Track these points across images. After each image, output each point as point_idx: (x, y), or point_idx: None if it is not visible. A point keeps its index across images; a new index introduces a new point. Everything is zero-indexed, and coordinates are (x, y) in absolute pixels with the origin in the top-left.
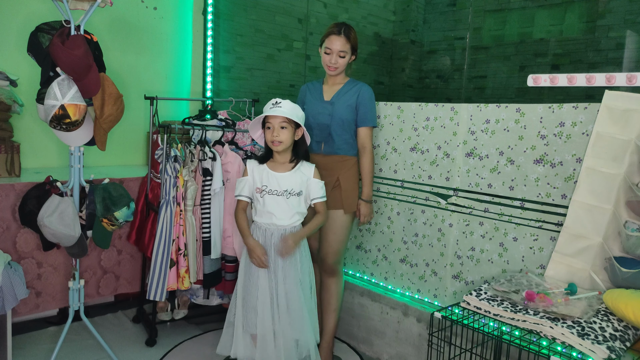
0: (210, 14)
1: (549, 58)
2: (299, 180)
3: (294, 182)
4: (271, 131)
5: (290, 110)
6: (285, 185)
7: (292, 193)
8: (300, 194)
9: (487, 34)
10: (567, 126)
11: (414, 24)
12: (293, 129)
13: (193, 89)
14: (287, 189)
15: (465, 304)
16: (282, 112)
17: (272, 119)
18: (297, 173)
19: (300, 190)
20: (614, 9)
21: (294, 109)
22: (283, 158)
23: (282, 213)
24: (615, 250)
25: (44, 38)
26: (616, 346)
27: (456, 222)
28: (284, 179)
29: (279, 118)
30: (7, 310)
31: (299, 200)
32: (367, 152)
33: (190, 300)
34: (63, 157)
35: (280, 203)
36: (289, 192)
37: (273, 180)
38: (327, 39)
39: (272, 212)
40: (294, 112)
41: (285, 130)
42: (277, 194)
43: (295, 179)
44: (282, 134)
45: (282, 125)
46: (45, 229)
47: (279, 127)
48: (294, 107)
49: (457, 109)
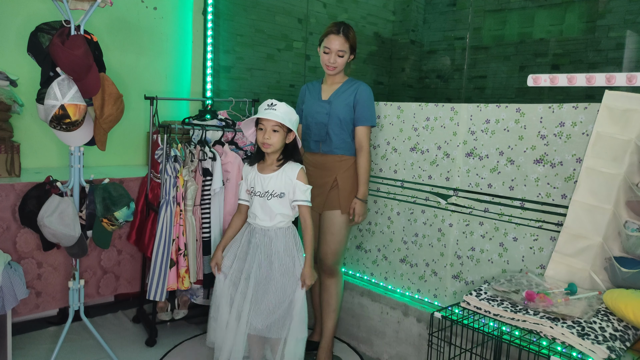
0: (210, 14)
1: (549, 58)
2: (282, 182)
3: (276, 183)
4: (263, 133)
5: (284, 115)
6: (268, 186)
7: (273, 194)
8: (282, 195)
9: (487, 34)
10: (567, 126)
11: (414, 24)
12: (285, 132)
13: (193, 89)
14: (268, 190)
15: (465, 304)
16: (275, 115)
17: (265, 121)
18: (282, 174)
19: (282, 192)
20: (614, 9)
21: (287, 113)
22: (271, 159)
23: (263, 214)
24: (615, 250)
25: (44, 38)
26: (616, 346)
27: (456, 222)
28: (267, 180)
29: (272, 121)
30: (7, 310)
31: (280, 202)
32: (364, 151)
33: (190, 300)
34: (63, 157)
35: (262, 204)
36: (270, 194)
37: (259, 181)
38: (326, 39)
39: (255, 213)
40: (287, 117)
41: (276, 133)
42: (259, 195)
43: (279, 180)
44: (273, 137)
45: (274, 129)
46: (45, 229)
47: (271, 130)
48: (288, 111)
49: (457, 109)
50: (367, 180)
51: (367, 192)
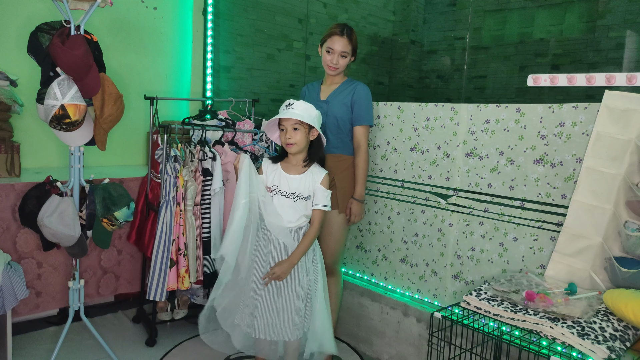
0: (210, 14)
1: (549, 58)
2: (308, 185)
3: (303, 185)
4: (284, 133)
5: (303, 112)
6: (295, 187)
7: (300, 197)
8: (308, 198)
9: (487, 34)
10: (567, 126)
11: (414, 24)
12: (307, 130)
13: (193, 89)
14: (295, 192)
15: (465, 304)
16: (294, 114)
17: (285, 121)
18: (308, 177)
19: (308, 195)
20: (614, 9)
21: (306, 109)
22: (297, 159)
23: (289, 215)
24: (615, 250)
25: (44, 38)
26: (616, 346)
27: (456, 222)
28: (294, 182)
29: (291, 120)
30: (7, 310)
31: (306, 204)
32: (362, 151)
33: (190, 300)
34: (63, 157)
35: (288, 205)
36: (296, 196)
37: (284, 181)
38: (329, 39)
39: (280, 213)
40: (307, 113)
41: (298, 131)
42: (285, 196)
43: (305, 182)
44: (295, 136)
45: (294, 127)
46: (45, 229)
47: (292, 129)
48: (307, 108)
49: (457, 109)
50: (364, 180)
51: (364, 192)
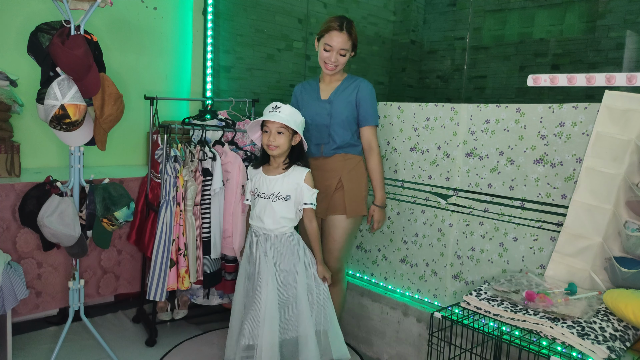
0: (210, 14)
1: (549, 58)
2: (288, 185)
3: (282, 185)
4: (268, 135)
5: (289, 116)
6: (273, 188)
7: (278, 197)
8: (287, 198)
9: (487, 34)
10: (567, 126)
11: (414, 24)
12: (290, 134)
13: (193, 89)
14: (274, 192)
15: (465, 304)
16: (280, 118)
17: (270, 124)
18: (288, 177)
19: (287, 195)
20: (614, 9)
21: (292, 114)
22: (277, 162)
23: (267, 217)
24: (615, 250)
25: (44, 38)
26: (616, 346)
27: (456, 222)
28: (273, 182)
29: (277, 123)
30: (7, 310)
31: (286, 204)
32: (374, 152)
33: (190, 300)
34: (63, 157)
35: (267, 207)
36: (275, 196)
37: (264, 183)
38: (327, 35)
39: (259, 215)
40: (292, 118)
41: (282, 135)
42: (264, 197)
43: (285, 182)
44: (278, 139)
45: (279, 131)
46: (45, 229)
47: (276, 132)
48: (293, 113)
49: (457, 109)
50: (382, 184)
51: (384, 197)
